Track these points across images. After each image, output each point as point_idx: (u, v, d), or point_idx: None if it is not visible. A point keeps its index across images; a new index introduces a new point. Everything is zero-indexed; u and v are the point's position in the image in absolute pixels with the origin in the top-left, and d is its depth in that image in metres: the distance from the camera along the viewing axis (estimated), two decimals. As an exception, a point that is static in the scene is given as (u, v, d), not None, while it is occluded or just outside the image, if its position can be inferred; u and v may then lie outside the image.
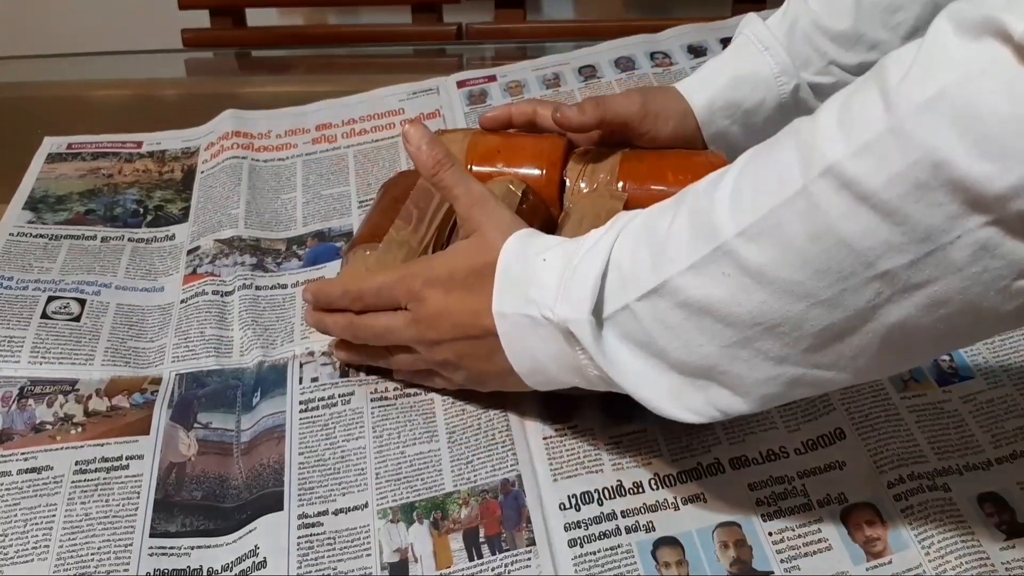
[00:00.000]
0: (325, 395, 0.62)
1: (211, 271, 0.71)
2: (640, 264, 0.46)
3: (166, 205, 0.80)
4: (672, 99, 0.69)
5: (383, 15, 1.28)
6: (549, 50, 0.97)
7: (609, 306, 0.47)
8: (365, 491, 0.56)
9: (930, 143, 0.35)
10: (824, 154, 0.38)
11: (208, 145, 0.86)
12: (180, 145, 0.87)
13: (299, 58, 1.11)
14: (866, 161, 0.37)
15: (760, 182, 0.42)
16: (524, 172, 0.65)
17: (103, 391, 0.62)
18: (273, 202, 0.79)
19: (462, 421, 0.60)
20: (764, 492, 0.54)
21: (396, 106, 0.90)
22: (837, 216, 0.38)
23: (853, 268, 0.39)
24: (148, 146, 0.86)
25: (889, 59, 0.38)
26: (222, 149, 0.84)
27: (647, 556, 0.52)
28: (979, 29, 0.35)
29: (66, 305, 0.69)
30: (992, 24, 0.34)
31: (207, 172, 0.82)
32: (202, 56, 1.14)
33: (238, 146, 0.84)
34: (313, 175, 0.82)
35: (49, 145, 0.87)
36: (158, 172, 0.83)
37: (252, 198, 0.78)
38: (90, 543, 0.54)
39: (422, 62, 1.10)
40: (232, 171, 0.81)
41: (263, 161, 0.83)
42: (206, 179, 0.81)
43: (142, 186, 0.82)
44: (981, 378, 0.60)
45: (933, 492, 0.53)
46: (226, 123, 0.87)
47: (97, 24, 1.42)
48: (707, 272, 0.43)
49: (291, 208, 0.78)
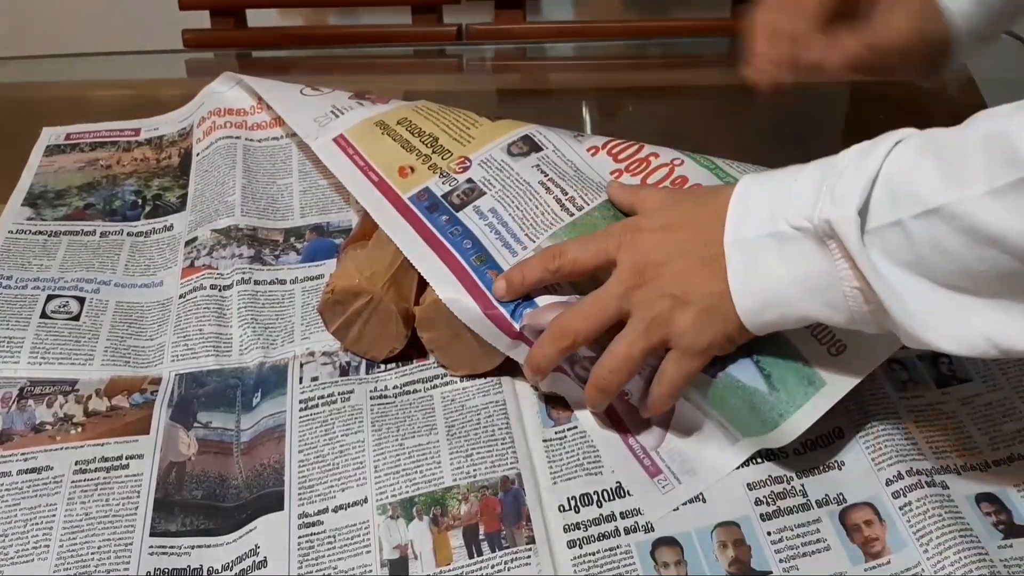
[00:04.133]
0: (325, 393, 0.62)
1: (209, 263, 0.71)
2: (921, 181, 0.43)
3: (164, 194, 0.79)
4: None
5: (383, 16, 1.28)
6: (549, 51, 0.97)
7: (874, 219, 0.44)
8: (364, 485, 0.56)
9: None
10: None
11: (200, 121, 0.85)
12: (176, 128, 0.86)
13: (300, 59, 1.11)
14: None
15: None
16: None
17: (103, 391, 0.63)
18: (269, 187, 0.78)
19: (461, 416, 0.60)
20: (763, 492, 0.54)
21: None
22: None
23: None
24: (146, 132, 0.86)
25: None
26: (214, 127, 0.83)
27: (646, 556, 0.52)
28: None
29: (65, 304, 0.69)
30: None
31: (202, 154, 0.82)
32: (203, 57, 1.14)
33: (231, 124, 0.83)
34: (308, 162, 0.81)
35: (48, 136, 0.86)
36: (156, 159, 0.83)
37: (248, 182, 0.78)
38: (90, 543, 0.54)
39: (422, 63, 1.10)
40: (227, 153, 0.80)
41: (257, 141, 0.82)
42: (202, 163, 0.81)
43: (140, 175, 0.82)
44: (979, 381, 0.60)
45: (931, 488, 0.53)
46: (214, 98, 0.86)
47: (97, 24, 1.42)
48: (1007, 201, 0.40)
49: (288, 195, 0.78)
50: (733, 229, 0.50)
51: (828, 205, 0.45)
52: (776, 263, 0.48)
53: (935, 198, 0.42)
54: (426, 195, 0.65)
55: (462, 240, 0.61)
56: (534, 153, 0.67)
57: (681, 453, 0.56)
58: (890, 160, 0.45)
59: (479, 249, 0.60)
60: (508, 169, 0.66)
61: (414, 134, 0.70)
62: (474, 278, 0.59)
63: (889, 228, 0.44)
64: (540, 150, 0.67)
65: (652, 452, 0.57)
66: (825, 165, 0.48)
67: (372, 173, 0.68)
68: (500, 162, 0.66)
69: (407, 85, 0.96)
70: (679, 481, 0.55)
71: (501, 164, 0.66)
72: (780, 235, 0.47)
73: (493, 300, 0.58)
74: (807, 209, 0.46)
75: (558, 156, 0.66)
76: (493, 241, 0.61)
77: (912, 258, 0.44)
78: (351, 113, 0.75)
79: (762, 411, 0.53)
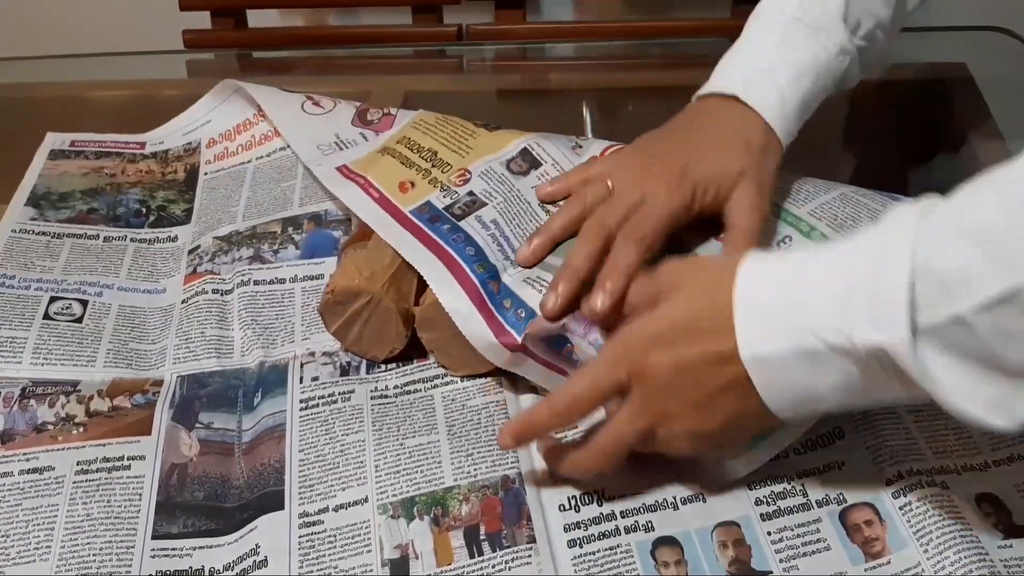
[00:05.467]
0: (325, 393, 0.62)
1: (211, 269, 0.71)
2: (971, 267, 0.40)
3: (169, 206, 0.80)
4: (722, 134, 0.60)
5: (383, 16, 1.28)
6: (549, 51, 0.97)
7: (926, 317, 0.41)
8: (365, 485, 0.56)
9: None
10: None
11: (210, 142, 0.85)
12: (181, 142, 0.86)
13: (300, 59, 1.11)
14: None
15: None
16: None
17: (104, 392, 0.63)
18: (273, 190, 0.78)
19: (461, 416, 0.60)
20: (763, 491, 0.55)
21: None
22: None
23: None
24: (151, 146, 0.86)
25: None
26: (227, 153, 0.83)
27: (646, 556, 0.52)
28: None
29: (68, 306, 0.69)
30: None
31: (211, 174, 0.82)
32: (203, 57, 1.14)
33: (242, 148, 0.83)
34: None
35: (52, 141, 0.86)
36: (161, 173, 0.83)
37: (253, 193, 0.78)
38: (92, 544, 0.54)
39: (422, 63, 1.10)
40: (236, 175, 0.81)
41: (266, 156, 0.82)
42: (210, 181, 0.81)
43: (145, 186, 0.82)
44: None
45: (932, 488, 0.53)
46: (225, 116, 0.86)
47: (98, 25, 1.42)
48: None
49: (290, 193, 0.78)
50: (748, 344, 0.46)
51: (871, 330, 0.42)
52: (808, 375, 0.46)
53: (996, 285, 0.40)
54: (427, 208, 0.65)
55: (465, 247, 0.61)
56: (533, 171, 0.66)
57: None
58: (921, 251, 0.42)
59: (481, 257, 0.60)
60: (509, 183, 0.65)
61: (412, 150, 0.70)
62: (478, 288, 0.58)
63: (950, 326, 0.41)
64: (539, 165, 0.67)
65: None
66: (834, 263, 0.45)
67: (372, 190, 0.68)
68: (500, 175, 0.66)
69: (407, 85, 0.96)
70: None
71: (502, 177, 0.66)
72: (813, 353, 0.45)
73: (495, 312, 0.57)
74: (837, 322, 0.43)
75: (558, 171, 0.66)
76: (495, 251, 0.61)
77: (978, 349, 0.41)
78: (355, 148, 0.74)
79: None
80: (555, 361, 0.57)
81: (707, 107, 0.62)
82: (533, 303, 0.57)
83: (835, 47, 0.61)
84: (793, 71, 0.61)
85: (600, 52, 1.09)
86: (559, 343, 0.56)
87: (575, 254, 0.57)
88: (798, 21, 0.61)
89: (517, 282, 0.59)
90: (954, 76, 0.89)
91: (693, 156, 0.59)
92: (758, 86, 0.60)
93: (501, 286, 0.59)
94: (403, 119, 0.76)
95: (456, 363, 0.62)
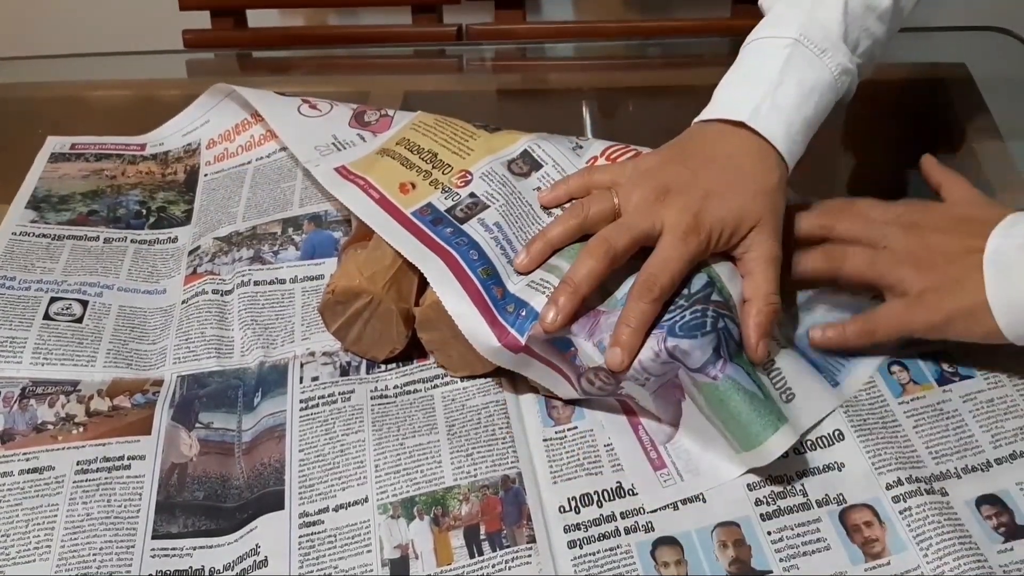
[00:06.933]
0: (325, 393, 0.62)
1: (211, 269, 0.72)
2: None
3: (169, 207, 0.80)
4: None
5: (383, 16, 1.28)
6: (549, 51, 0.97)
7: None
8: (365, 484, 0.56)
9: None
10: None
11: (210, 143, 0.85)
12: (181, 143, 0.86)
13: (300, 59, 1.11)
14: None
15: None
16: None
17: (105, 391, 0.63)
18: (273, 191, 0.78)
19: (461, 416, 0.60)
20: (763, 492, 0.55)
21: None
22: None
23: None
24: (151, 148, 0.86)
25: None
26: (227, 154, 0.84)
27: (646, 556, 0.52)
28: None
29: (68, 306, 0.69)
30: None
31: (211, 176, 0.82)
32: (203, 57, 1.14)
33: (242, 149, 0.84)
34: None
35: (52, 144, 0.86)
36: (161, 174, 0.83)
37: (253, 194, 0.78)
38: (92, 543, 0.54)
39: (422, 63, 1.10)
40: (236, 176, 0.81)
41: (267, 157, 0.82)
42: (210, 182, 0.81)
43: (145, 187, 0.82)
44: (981, 378, 0.60)
45: (931, 496, 0.53)
46: (224, 115, 0.86)
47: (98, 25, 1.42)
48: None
49: (290, 194, 0.78)
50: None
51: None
52: None
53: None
54: (429, 210, 0.65)
55: (468, 251, 0.61)
56: (534, 173, 0.66)
57: (688, 451, 0.57)
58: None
59: (485, 261, 0.60)
60: (510, 185, 0.65)
61: (412, 151, 0.70)
62: (481, 292, 0.58)
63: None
64: (540, 167, 0.67)
65: (660, 446, 0.57)
66: None
67: (373, 191, 0.68)
68: (502, 176, 0.66)
69: (407, 85, 0.96)
70: (682, 478, 0.55)
71: (503, 179, 0.66)
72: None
73: (498, 314, 0.57)
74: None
75: (559, 173, 0.66)
76: (499, 255, 0.61)
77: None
78: (353, 149, 0.74)
79: (762, 414, 0.53)
80: (558, 363, 0.57)
81: (714, 134, 0.62)
82: (537, 306, 0.57)
83: (837, 68, 0.62)
84: (798, 95, 0.61)
85: (600, 52, 1.09)
86: (564, 345, 0.56)
87: (578, 269, 0.57)
88: (800, 44, 0.62)
89: (522, 288, 0.59)
90: (954, 76, 0.89)
91: (709, 197, 0.58)
92: (766, 112, 0.60)
93: (506, 292, 0.59)
94: (401, 120, 0.76)
95: (456, 363, 0.62)
